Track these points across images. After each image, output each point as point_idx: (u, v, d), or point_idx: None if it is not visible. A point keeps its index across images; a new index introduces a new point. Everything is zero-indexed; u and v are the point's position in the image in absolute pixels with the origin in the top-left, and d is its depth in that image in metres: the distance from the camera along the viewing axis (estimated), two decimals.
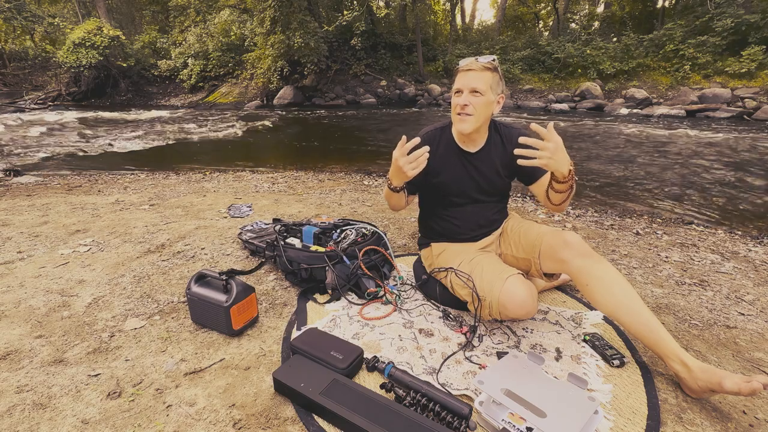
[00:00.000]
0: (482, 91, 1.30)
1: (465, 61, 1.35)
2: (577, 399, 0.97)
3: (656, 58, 13.79)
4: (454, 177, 1.47)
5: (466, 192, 1.48)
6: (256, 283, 1.73)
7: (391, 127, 9.12)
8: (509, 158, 1.40)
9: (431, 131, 1.51)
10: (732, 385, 0.96)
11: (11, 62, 19.46)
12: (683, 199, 3.69)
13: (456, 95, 1.36)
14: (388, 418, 0.96)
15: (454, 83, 1.39)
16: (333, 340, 1.24)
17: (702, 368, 1.04)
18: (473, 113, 1.32)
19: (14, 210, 2.83)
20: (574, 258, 1.23)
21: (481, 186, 1.47)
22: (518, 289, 1.22)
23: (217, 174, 4.38)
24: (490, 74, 1.31)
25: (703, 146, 6.49)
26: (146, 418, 1.01)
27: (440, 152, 1.48)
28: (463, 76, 1.33)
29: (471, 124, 1.35)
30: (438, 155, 1.48)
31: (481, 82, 1.30)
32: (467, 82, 1.31)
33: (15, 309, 1.51)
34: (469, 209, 1.50)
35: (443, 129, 1.50)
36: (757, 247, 2.34)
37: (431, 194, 1.55)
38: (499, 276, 1.26)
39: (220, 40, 17.84)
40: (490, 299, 1.25)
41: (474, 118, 1.33)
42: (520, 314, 1.23)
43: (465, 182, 1.47)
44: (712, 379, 1.01)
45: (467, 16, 24.39)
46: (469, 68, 1.31)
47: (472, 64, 1.32)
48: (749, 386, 0.93)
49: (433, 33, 19.25)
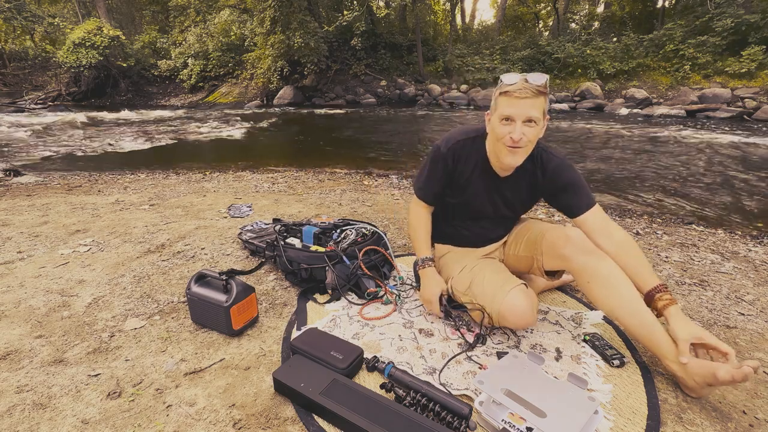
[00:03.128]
0: (537, 120, 1.13)
1: (512, 80, 1.13)
2: (577, 399, 0.97)
3: (656, 58, 13.79)
4: (477, 198, 1.38)
5: (485, 212, 1.43)
6: (256, 283, 1.73)
7: (391, 127, 9.12)
8: (539, 186, 1.32)
9: (462, 141, 1.32)
10: (725, 374, 0.97)
11: (11, 62, 19.47)
12: (683, 199, 3.68)
13: (504, 123, 1.15)
14: (388, 418, 0.95)
15: (497, 104, 1.17)
16: (333, 340, 1.24)
17: (697, 363, 1.05)
18: (525, 146, 1.16)
19: (14, 210, 2.83)
20: (576, 254, 1.22)
21: (502, 210, 1.42)
22: (520, 302, 1.21)
23: (217, 174, 4.38)
24: (544, 99, 1.13)
25: (703, 146, 6.49)
26: (146, 418, 1.01)
27: (468, 169, 1.33)
28: (514, 103, 1.12)
29: (522, 157, 1.20)
30: (467, 172, 1.34)
31: (536, 110, 1.12)
32: (522, 110, 1.11)
33: (15, 309, 1.51)
34: (484, 223, 1.48)
35: (474, 140, 1.32)
36: (757, 247, 2.34)
37: (449, 206, 1.47)
38: (501, 288, 1.26)
39: (220, 40, 17.85)
40: (490, 310, 1.26)
41: (525, 150, 1.18)
42: (519, 326, 1.24)
43: (486, 206, 1.40)
44: (707, 373, 1.01)
45: (467, 16, 24.42)
46: (523, 95, 1.10)
47: (526, 89, 1.10)
48: (741, 372, 0.94)
49: (433, 33, 19.25)
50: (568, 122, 9.75)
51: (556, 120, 10.23)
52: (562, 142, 7.05)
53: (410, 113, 12.03)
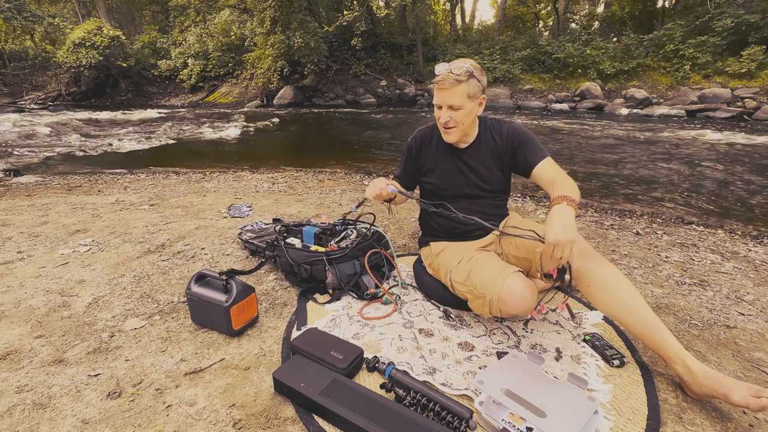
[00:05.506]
0: (460, 105, 1.33)
1: (440, 71, 1.34)
2: (577, 399, 0.97)
3: (656, 58, 13.78)
4: (446, 174, 1.52)
5: (459, 188, 1.51)
6: (256, 283, 1.73)
7: (391, 127, 9.12)
8: (500, 150, 1.46)
9: (423, 130, 1.59)
10: (740, 398, 0.95)
11: (11, 62, 19.46)
12: (683, 199, 3.69)
13: (437, 109, 1.39)
14: (388, 418, 0.96)
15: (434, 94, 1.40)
16: (333, 340, 1.24)
17: (707, 375, 1.03)
18: (456, 125, 1.38)
19: (14, 210, 2.83)
20: (577, 259, 1.22)
21: (473, 181, 1.49)
22: (519, 285, 1.22)
23: (217, 174, 4.38)
24: (465, 85, 1.31)
25: (703, 146, 6.49)
26: (146, 418, 1.01)
27: (432, 151, 1.55)
28: (439, 93, 1.35)
29: (455, 135, 1.41)
30: (430, 154, 1.55)
31: (456, 97, 1.32)
32: (444, 99, 1.34)
33: (15, 309, 1.51)
34: (464, 204, 1.50)
35: (433, 128, 1.56)
36: (757, 247, 2.33)
37: (427, 192, 1.60)
38: (500, 273, 1.26)
39: (220, 40, 17.85)
40: (490, 297, 1.25)
41: (457, 129, 1.39)
42: (519, 310, 1.23)
43: (457, 178, 1.51)
44: (717, 389, 1.00)
45: (467, 16, 24.41)
46: (444, 86, 1.32)
47: (445, 80, 1.31)
48: (758, 403, 0.92)
49: (433, 33, 19.25)
50: (568, 122, 9.75)
51: (557, 120, 10.23)
52: (562, 142, 7.05)
53: (410, 113, 12.03)
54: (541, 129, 8.69)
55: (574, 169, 4.91)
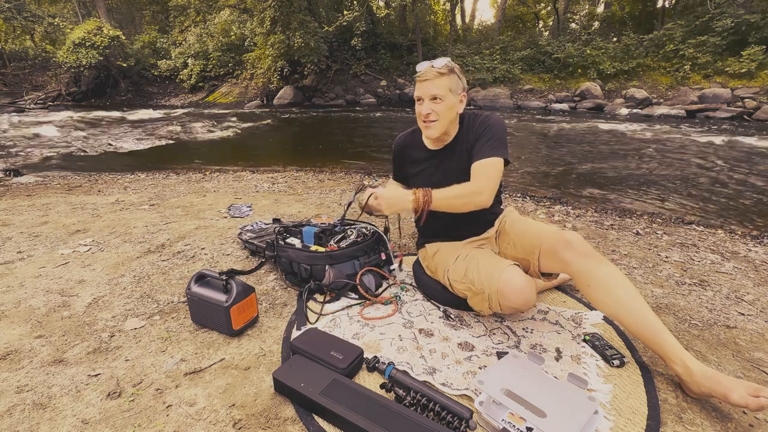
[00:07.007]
0: (442, 97, 1.34)
1: (421, 68, 1.36)
2: (577, 399, 0.97)
3: (656, 58, 13.78)
4: (427, 177, 1.52)
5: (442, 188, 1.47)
6: (256, 283, 1.73)
7: (391, 127, 9.12)
8: (471, 145, 1.43)
9: (404, 136, 1.61)
10: (738, 398, 0.95)
11: (11, 62, 19.46)
12: (683, 199, 3.69)
13: (418, 103, 1.39)
14: (388, 418, 0.96)
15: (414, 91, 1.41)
16: (333, 340, 1.24)
17: (706, 375, 1.03)
18: (437, 119, 1.37)
19: (14, 210, 2.83)
20: (576, 259, 1.21)
21: (454, 180, 1.42)
22: (516, 277, 1.22)
23: (217, 174, 4.38)
24: (446, 78, 1.33)
25: (703, 146, 6.49)
26: (146, 418, 1.01)
27: (412, 153, 1.57)
28: (421, 86, 1.36)
29: (437, 129, 1.40)
30: (411, 159, 1.57)
31: (438, 88, 1.33)
32: (426, 90, 1.35)
33: (15, 309, 1.51)
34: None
35: (414, 132, 1.58)
36: (757, 247, 2.33)
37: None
38: (497, 267, 1.26)
39: (220, 40, 17.85)
40: (488, 291, 1.25)
41: (438, 123, 1.38)
42: (518, 303, 1.22)
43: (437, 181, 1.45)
44: (716, 389, 1.00)
45: (467, 16, 24.40)
46: (425, 78, 1.34)
47: (427, 72, 1.33)
48: (757, 402, 0.92)
49: (433, 33, 19.24)
50: (568, 122, 9.75)
51: (557, 120, 10.23)
52: (562, 142, 7.05)
53: (410, 113, 12.03)
54: (541, 129, 8.69)
55: (574, 169, 4.91)
